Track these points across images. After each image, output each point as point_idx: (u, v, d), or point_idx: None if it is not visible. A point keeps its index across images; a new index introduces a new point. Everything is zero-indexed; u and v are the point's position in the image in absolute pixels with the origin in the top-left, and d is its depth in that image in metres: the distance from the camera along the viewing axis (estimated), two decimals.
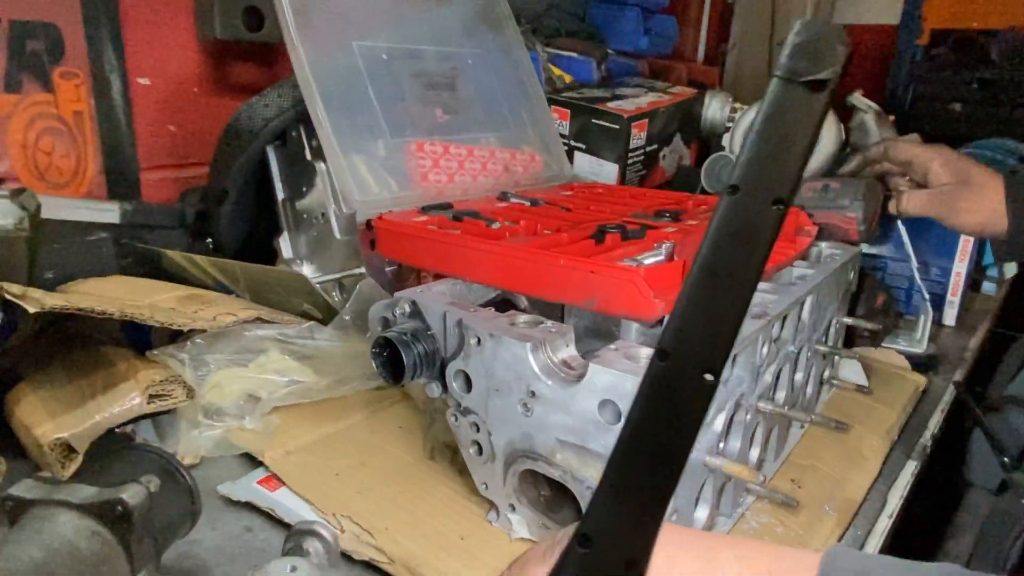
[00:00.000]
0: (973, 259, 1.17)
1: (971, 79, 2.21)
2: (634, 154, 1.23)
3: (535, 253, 0.60)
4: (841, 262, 0.76)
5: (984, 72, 2.18)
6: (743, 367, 0.56)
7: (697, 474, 0.50)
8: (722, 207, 0.28)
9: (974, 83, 2.21)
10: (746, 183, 0.29)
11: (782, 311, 0.60)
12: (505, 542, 0.56)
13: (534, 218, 0.76)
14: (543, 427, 0.52)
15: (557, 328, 0.54)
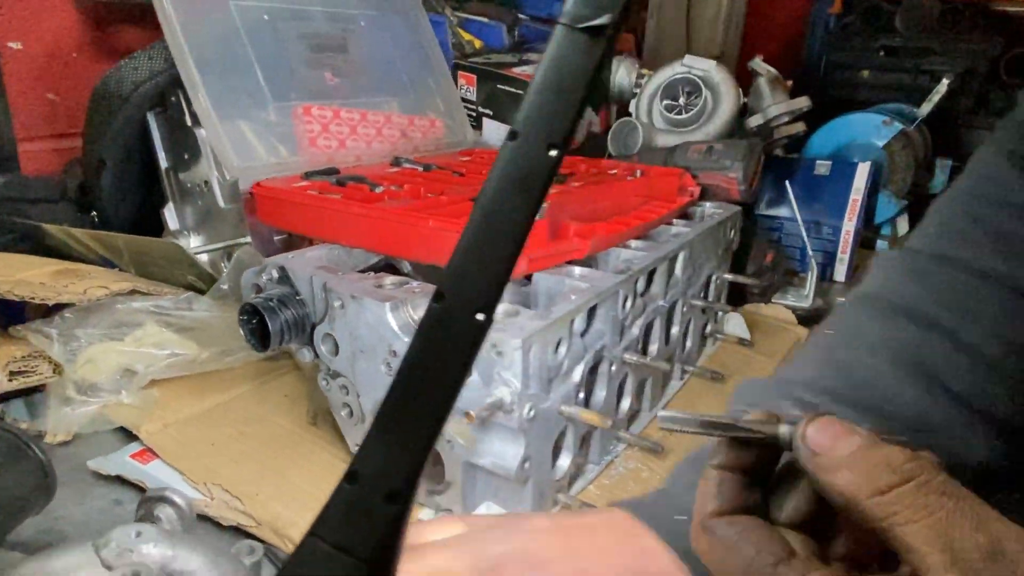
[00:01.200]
0: (862, 218, 1.23)
1: (878, 47, 2.30)
2: None
3: (405, 215, 0.60)
4: (717, 220, 0.79)
5: (889, 40, 2.27)
6: (603, 320, 0.58)
7: (553, 422, 0.51)
8: (502, 153, 0.28)
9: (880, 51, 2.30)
10: (525, 129, 0.29)
11: (646, 266, 0.62)
12: None
13: (421, 183, 0.75)
14: None
15: (421, 288, 0.54)
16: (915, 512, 0.22)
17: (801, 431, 0.25)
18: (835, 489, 0.24)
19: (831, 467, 0.24)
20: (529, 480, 0.51)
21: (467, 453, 0.50)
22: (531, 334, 0.46)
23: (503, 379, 0.46)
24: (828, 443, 0.24)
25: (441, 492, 0.53)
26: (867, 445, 0.24)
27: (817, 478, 0.24)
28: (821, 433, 0.25)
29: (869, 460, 0.23)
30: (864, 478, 0.23)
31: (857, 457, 0.24)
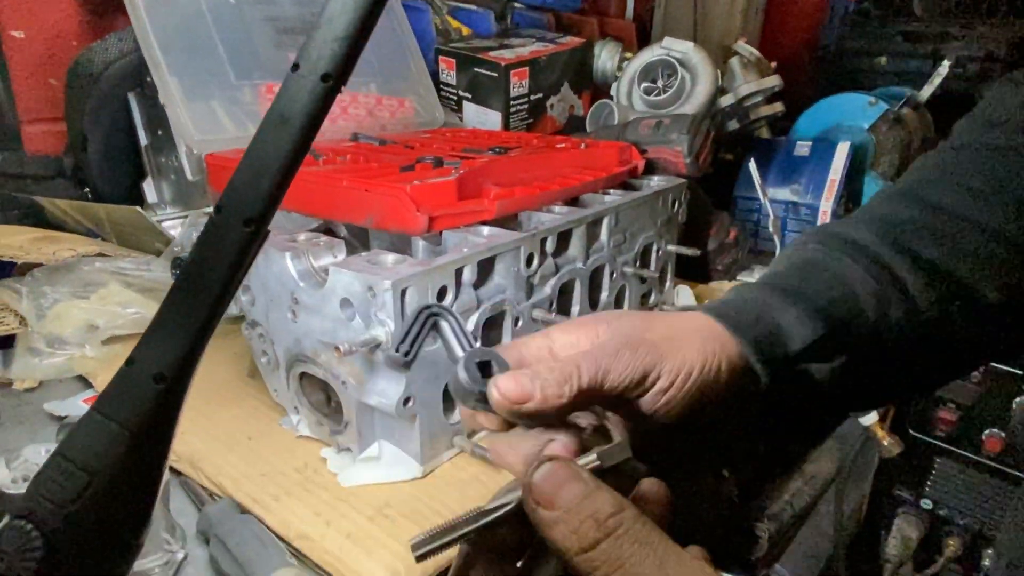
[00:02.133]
0: (840, 198, 1.22)
1: (896, 32, 2.24)
2: (517, 102, 1.26)
3: (324, 176, 0.64)
4: (653, 191, 0.80)
5: (907, 25, 2.21)
6: (504, 275, 0.60)
7: (441, 367, 0.54)
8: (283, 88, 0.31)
9: (898, 36, 2.25)
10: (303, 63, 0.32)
11: (555, 227, 0.64)
12: (289, 440, 0.61)
13: (366, 154, 0.79)
14: (307, 331, 0.56)
15: (328, 242, 0.58)
16: (611, 566, 0.24)
17: (528, 479, 0.26)
18: (553, 543, 0.25)
19: (550, 522, 0.25)
20: (416, 420, 0.54)
21: (357, 392, 0.54)
22: (404, 277, 0.49)
23: (379, 319, 0.49)
24: (551, 492, 0.26)
25: (341, 432, 0.57)
26: (583, 495, 0.25)
27: (540, 530, 0.26)
28: (546, 481, 0.26)
29: (580, 514, 0.25)
30: (575, 535, 0.25)
31: (571, 512, 0.25)
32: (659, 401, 0.33)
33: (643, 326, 0.34)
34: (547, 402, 0.30)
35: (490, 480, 0.56)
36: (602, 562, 0.24)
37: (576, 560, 0.25)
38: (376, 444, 0.56)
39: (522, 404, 0.29)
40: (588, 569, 0.24)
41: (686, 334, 0.35)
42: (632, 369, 0.32)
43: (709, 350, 0.34)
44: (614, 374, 0.31)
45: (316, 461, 0.58)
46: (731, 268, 1.07)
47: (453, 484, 0.56)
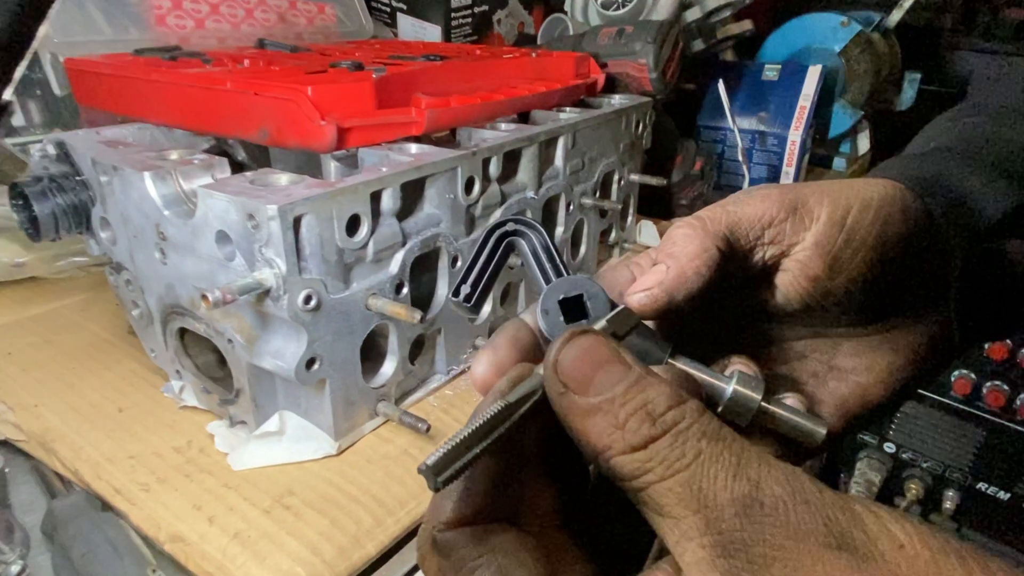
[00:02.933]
0: (809, 128, 1.13)
1: None
2: (459, 15, 1.11)
3: (201, 79, 0.50)
4: (615, 109, 0.69)
5: None
6: (437, 203, 0.49)
7: (357, 318, 0.43)
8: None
9: None
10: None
11: (500, 145, 0.52)
12: (170, 412, 0.49)
13: (270, 60, 0.65)
14: (181, 275, 0.44)
15: (206, 160, 0.45)
16: (668, 467, 0.17)
17: (553, 355, 0.19)
18: (585, 440, 0.19)
19: (583, 412, 0.19)
20: (326, 385, 0.43)
21: (247, 352, 0.42)
22: (297, 202, 0.37)
23: (265, 258, 0.37)
24: (585, 373, 0.19)
25: (232, 401, 0.45)
26: (631, 381, 0.18)
27: (567, 423, 0.19)
28: (579, 359, 0.19)
29: (628, 407, 0.18)
30: (619, 430, 0.18)
31: (615, 402, 0.18)
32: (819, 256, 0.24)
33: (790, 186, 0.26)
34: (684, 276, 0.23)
35: (422, 453, 0.46)
36: (658, 463, 0.17)
37: (618, 461, 0.18)
38: (276, 416, 0.45)
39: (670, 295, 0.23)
40: (634, 473, 0.18)
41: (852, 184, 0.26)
42: (773, 203, 0.24)
43: (880, 191, 0.26)
44: (751, 210, 0.24)
45: (202, 438, 0.46)
46: (696, 203, 0.97)
47: (376, 461, 0.45)
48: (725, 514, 0.16)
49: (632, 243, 0.80)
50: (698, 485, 0.17)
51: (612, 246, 0.78)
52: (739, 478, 0.17)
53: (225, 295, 0.35)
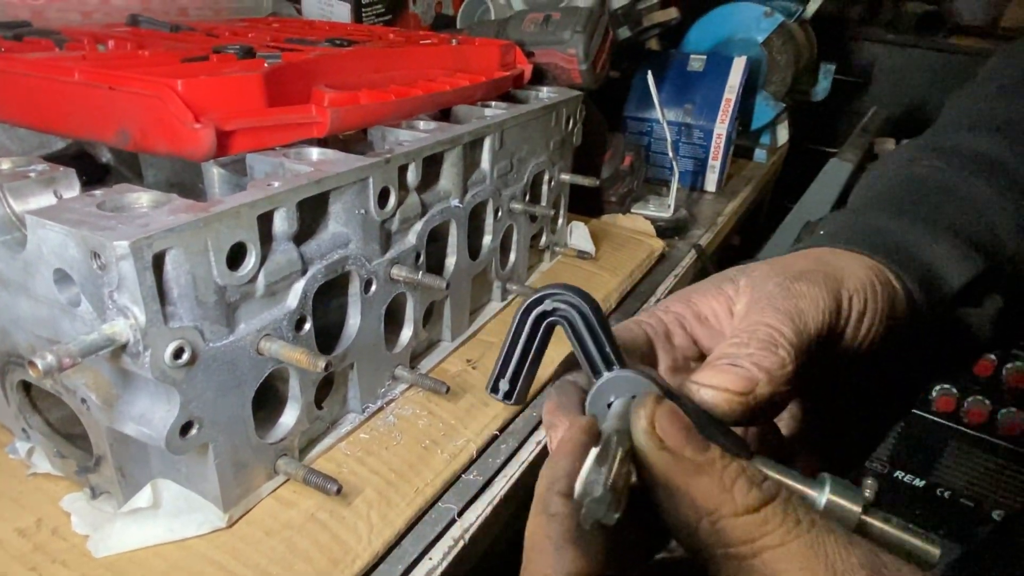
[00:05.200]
0: (735, 121, 1.12)
1: None
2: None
3: (44, 67, 0.40)
4: (544, 104, 0.63)
5: None
6: (344, 220, 0.41)
7: (247, 366, 0.35)
8: None
9: None
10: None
11: (419, 149, 0.46)
12: (16, 480, 0.40)
13: (141, 41, 0.55)
14: (16, 319, 0.35)
15: (46, 171, 0.36)
16: (788, 532, 0.18)
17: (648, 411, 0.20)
18: (690, 499, 0.19)
19: (690, 468, 0.19)
20: (210, 449, 0.35)
21: (106, 415, 0.34)
22: (156, 235, 0.29)
23: (117, 305, 0.29)
24: (679, 434, 0.19)
25: (92, 469, 0.37)
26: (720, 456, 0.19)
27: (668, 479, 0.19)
28: (670, 420, 0.19)
29: (731, 470, 0.19)
30: (728, 492, 0.19)
31: (717, 463, 0.19)
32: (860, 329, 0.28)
33: (781, 267, 0.28)
34: (773, 380, 0.23)
35: (333, 519, 0.39)
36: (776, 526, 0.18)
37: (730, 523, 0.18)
38: (149, 486, 0.37)
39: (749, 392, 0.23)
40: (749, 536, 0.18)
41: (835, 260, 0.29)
42: (823, 300, 0.26)
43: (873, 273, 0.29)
44: (811, 312, 0.26)
45: (56, 516, 0.38)
46: (625, 199, 0.93)
47: (276, 532, 0.38)
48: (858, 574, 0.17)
49: (563, 246, 0.75)
50: (824, 550, 0.18)
51: (543, 250, 0.73)
52: (855, 545, 0.18)
53: (62, 360, 0.27)
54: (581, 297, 0.23)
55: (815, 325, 0.25)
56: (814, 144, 1.83)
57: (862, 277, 0.28)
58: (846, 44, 2.14)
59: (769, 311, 0.25)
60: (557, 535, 0.19)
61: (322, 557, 0.37)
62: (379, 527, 0.39)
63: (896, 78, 2.16)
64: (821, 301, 0.26)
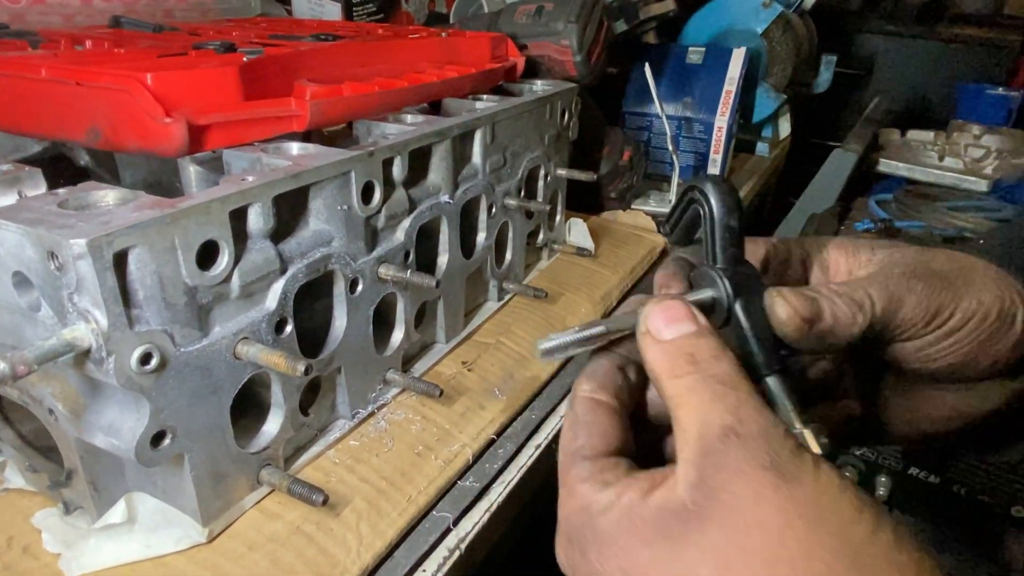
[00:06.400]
0: (735, 113, 1.09)
1: None
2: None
3: (9, 64, 0.39)
4: (537, 96, 0.61)
5: None
6: (326, 217, 0.40)
7: (223, 372, 0.34)
8: None
9: None
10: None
11: (405, 142, 0.44)
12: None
13: (119, 41, 0.53)
14: None
15: (10, 171, 0.34)
16: (690, 395, 0.23)
17: (647, 310, 0.26)
18: (647, 365, 0.25)
19: (651, 345, 0.25)
20: (186, 460, 0.33)
21: (74, 426, 0.32)
22: (117, 232, 0.27)
23: (78, 309, 0.27)
24: (662, 324, 0.25)
25: (65, 483, 0.35)
26: (694, 334, 0.25)
27: (641, 352, 0.25)
28: (662, 314, 0.25)
29: (682, 348, 0.24)
30: (670, 362, 0.24)
31: (676, 343, 0.24)
32: (941, 344, 0.29)
33: (922, 257, 0.30)
34: (838, 326, 0.26)
35: (320, 531, 0.37)
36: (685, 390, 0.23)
37: (665, 383, 0.24)
38: (123, 501, 0.35)
39: (812, 323, 0.26)
40: (670, 393, 0.24)
41: (976, 272, 0.29)
42: (928, 303, 0.28)
43: (1008, 295, 0.29)
44: (908, 307, 0.27)
45: (28, 533, 0.36)
46: (625, 195, 0.91)
47: (260, 547, 0.36)
48: (712, 433, 0.22)
49: (562, 243, 0.73)
50: (704, 416, 0.22)
51: (541, 248, 0.71)
52: (730, 415, 0.22)
53: (16, 367, 0.25)
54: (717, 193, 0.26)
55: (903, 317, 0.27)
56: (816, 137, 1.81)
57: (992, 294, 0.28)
58: (846, 35, 2.12)
59: (877, 287, 0.27)
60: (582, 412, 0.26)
61: (308, 572, 0.35)
62: (369, 539, 0.37)
63: (897, 69, 2.14)
64: (924, 303, 0.27)
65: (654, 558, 0.21)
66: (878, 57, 2.17)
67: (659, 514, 0.21)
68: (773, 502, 0.20)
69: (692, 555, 0.20)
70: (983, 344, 0.29)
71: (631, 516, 0.22)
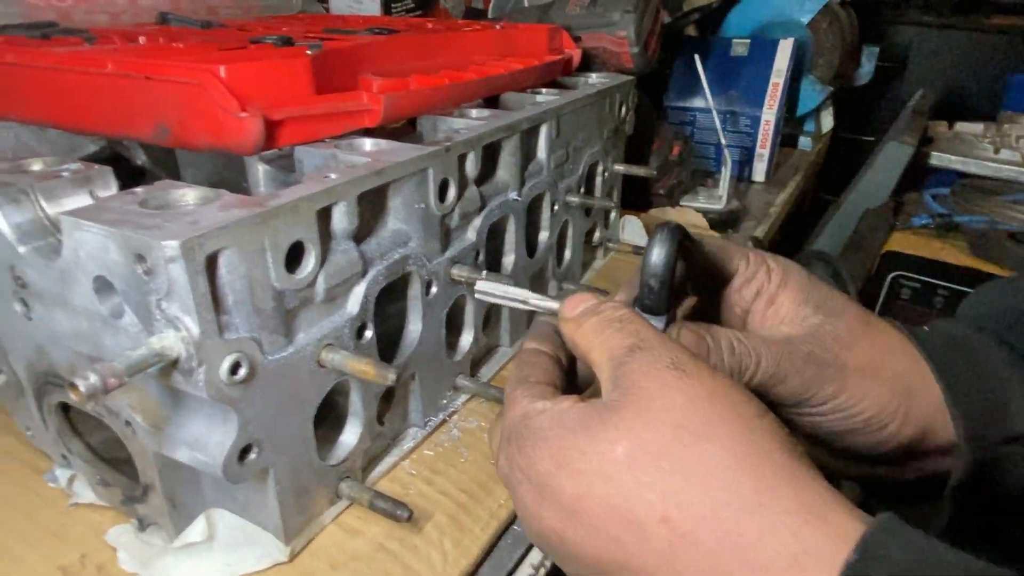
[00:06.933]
0: (783, 107, 1.06)
1: None
2: None
3: (73, 60, 0.37)
4: (597, 90, 0.58)
5: None
6: (404, 217, 0.37)
7: (307, 379, 0.32)
8: None
9: None
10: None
11: (478, 138, 0.42)
12: (57, 512, 0.36)
13: (173, 37, 0.51)
14: (53, 335, 0.31)
15: (80, 171, 0.32)
16: (596, 336, 0.28)
17: (563, 303, 0.30)
18: (566, 339, 0.30)
19: (562, 320, 0.30)
20: (270, 475, 0.31)
21: (154, 440, 0.30)
22: (208, 233, 0.25)
23: (167, 316, 0.25)
24: (571, 306, 0.30)
25: (140, 499, 0.33)
26: (595, 303, 0.29)
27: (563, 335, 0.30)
28: (572, 301, 0.30)
29: (587, 310, 0.29)
30: (576, 320, 0.29)
31: (579, 314, 0.29)
32: (816, 420, 0.31)
33: (847, 338, 0.31)
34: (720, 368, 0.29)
35: (404, 548, 0.35)
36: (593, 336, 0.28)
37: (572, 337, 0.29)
38: (202, 518, 0.33)
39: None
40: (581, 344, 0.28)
41: (888, 376, 0.31)
42: (810, 391, 0.30)
43: (903, 411, 0.31)
44: (788, 387, 0.30)
45: (102, 550, 0.34)
46: (674, 192, 0.88)
47: (343, 566, 0.34)
48: (619, 354, 0.26)
49: (616, 242, 0.71)
50: (610, 344, 0.27)
51: (596, 247, 0.69)
52: (631, 338, 0.26)
53: (106, 379, 0.24)
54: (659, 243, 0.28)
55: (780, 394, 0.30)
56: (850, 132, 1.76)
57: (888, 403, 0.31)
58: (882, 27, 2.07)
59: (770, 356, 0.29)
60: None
61: None
62: (454, 556, 0.35)
63: (934, 61, 2.08)
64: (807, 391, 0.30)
65: (576, 443, 0.24)
66: (914, 48, 2.12)
67: (582, 411, 0.25)
68: (677, 387, 0.24)
69: (610, 435, 0.24)
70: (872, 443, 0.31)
71: (560, 415, 0.25)
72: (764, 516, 0.21)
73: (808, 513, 0.21)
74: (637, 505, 0.22)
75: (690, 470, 0.22)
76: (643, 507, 0.22)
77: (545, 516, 0.25)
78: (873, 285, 0.93)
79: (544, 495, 0.25)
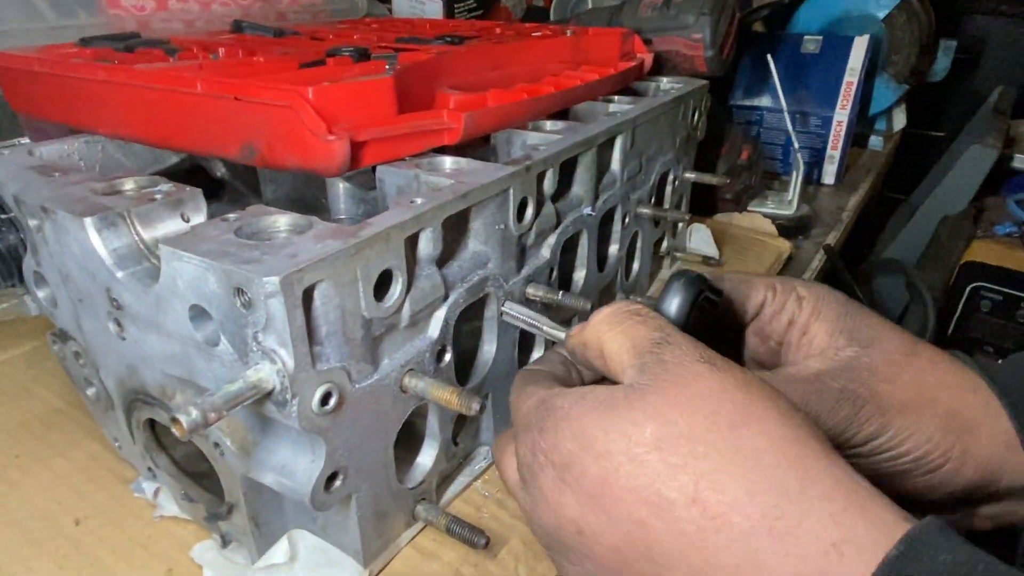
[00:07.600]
0: (856, 106, 1.02)
1: None
2: None
3: (162, 78, 0.37)
4: (674, 95, 0.57)
5: None
6: (484, 238, 0.37)
7: (389, 405, 0.31)
8: None
9: None
10: None
11: (557, 154, 0.41)
12: (143, 523, 0.37)
13: (250, 48, 0.52)
14: (145, 356, 0.32)
15: (172, 192, 0.33)
16: (611, 327, 0.27)
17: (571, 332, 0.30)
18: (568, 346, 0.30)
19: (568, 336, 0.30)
20: (353, 500, 0.31)
21: (242, 463, 0.30)
22: (307, 267, 0.25)
23: (263, 348, 0.26)
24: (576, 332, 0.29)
25: (224, 517, 0.34)
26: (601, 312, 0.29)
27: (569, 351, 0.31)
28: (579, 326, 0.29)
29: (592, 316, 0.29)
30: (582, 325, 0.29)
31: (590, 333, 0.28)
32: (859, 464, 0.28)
33: (886, 371, 0.29)
34: None
35: (480, 574, 0.35)
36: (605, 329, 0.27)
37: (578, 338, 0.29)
38: (285, 540, 0.33)
39: None
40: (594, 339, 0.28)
41: (939, 412, 0.29)
42: (846, 432, 0.28)
43: (960, 449, 0.29)
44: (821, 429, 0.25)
45: (186, 565, 0.35)
46: (742, 196, 0.86)
47: None
48: (644, 346, 0.25)
49: (683, 251, 0.69)
50: (630, 335, 0.26)
51: (663, 257, 0.67)
52: (658, 332, 0.26)
53: (207, 414, 0.24)
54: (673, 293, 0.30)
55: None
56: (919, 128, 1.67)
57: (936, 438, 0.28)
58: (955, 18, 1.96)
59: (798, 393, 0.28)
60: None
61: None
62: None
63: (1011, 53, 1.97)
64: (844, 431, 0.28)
65: (600, 422, 0.23)
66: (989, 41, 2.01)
67: (606, 392, 0.24)
68: (710, 377, 0.23)
69: (635, 416, 0.23)
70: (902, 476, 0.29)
71: (582, 395, 0.25)
72: (804, 502, 0.20)
73: (849, 502, 0.20)
74: (666, 486, 0.22)
75: (726, 453, 0.21)
76: (672, 488, 0.22)
77: (566, 504, 0.24)
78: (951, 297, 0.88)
79: (567, 480, 0.24)
